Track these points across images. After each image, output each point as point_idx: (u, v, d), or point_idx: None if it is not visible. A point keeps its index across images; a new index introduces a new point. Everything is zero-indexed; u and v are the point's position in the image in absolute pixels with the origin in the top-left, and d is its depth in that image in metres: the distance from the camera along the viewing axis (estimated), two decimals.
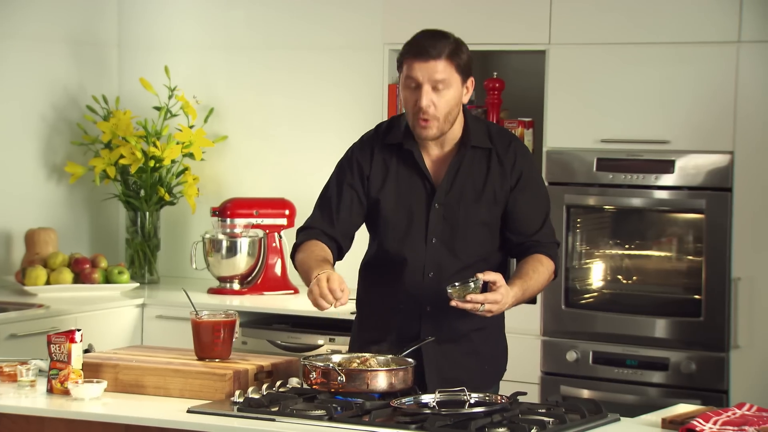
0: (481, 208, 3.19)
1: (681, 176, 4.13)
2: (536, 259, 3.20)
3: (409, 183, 3.21)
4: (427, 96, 3.10)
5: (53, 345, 3.06)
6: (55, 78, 5.31)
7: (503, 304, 3.06)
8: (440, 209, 3.19)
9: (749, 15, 4.03)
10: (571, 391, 4.25)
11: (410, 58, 3.12)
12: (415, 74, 3.10)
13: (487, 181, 3.19)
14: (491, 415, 2.76)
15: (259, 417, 2.81)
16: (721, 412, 2.80)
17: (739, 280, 4.05)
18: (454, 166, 3.20)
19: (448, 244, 3.18)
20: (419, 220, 3.20)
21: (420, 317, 3.19)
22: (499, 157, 3.20)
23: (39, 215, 5.23)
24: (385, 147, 3.24)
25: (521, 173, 3.20)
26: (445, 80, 3.10)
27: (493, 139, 3.22)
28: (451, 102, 3.13)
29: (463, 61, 3.13)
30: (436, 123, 3.13)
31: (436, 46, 3.10)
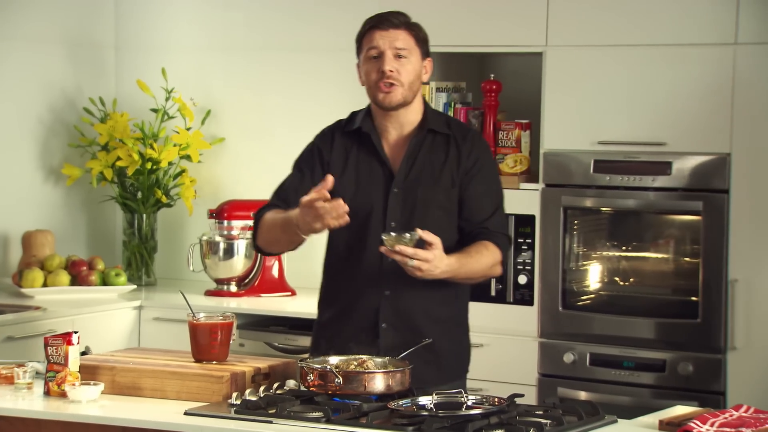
0: (439, 192, 3.24)
1: (678, 178, 4.13)
2: (481, 244, 3.22)
3: (368, 168, 3.27)
4: (390, 62, 3.21)
5: (50, 347, 3.06)
6: (52, 80, 5.31)
7: (433, 266, 3.06)
8: (399, 193, 3.24)
9: (746, 17, 4.04)
10: (568, 393, 4.25)
11: (371, 29, 3.25)
12: (377, 42, 3.22)
13: (444, 166, 3.25)
14: (488, 417, 2.76)
15: (256, 419, 2.81)
16: (719, 414, 2.80)
17: (736, 281, 4.05)
18: (413, 150, 3.25)
19: (406, 228, 3.18)
20: (378, 205, 3.24)
21: (379, 303, 3.22)
22: (457, 143, 3.27)
23: (36, 217, 5.23)
24: (345, 135, 3.32)
25: (476, 161, 3.26)
26: (406, 49, 3.22)
27: (452, 127, 3.30)
28: (412, 72, 3.23)
29: (421, 35, 3.28)
30: (400, 88, 3.22)
31: (396, 16, 3.25)
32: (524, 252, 4.36)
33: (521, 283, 4.36)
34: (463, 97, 4.60)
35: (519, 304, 4.37)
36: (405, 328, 3.23)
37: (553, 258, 4.29)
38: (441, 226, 3.22)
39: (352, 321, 3.25)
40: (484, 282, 3.40)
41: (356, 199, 3.24)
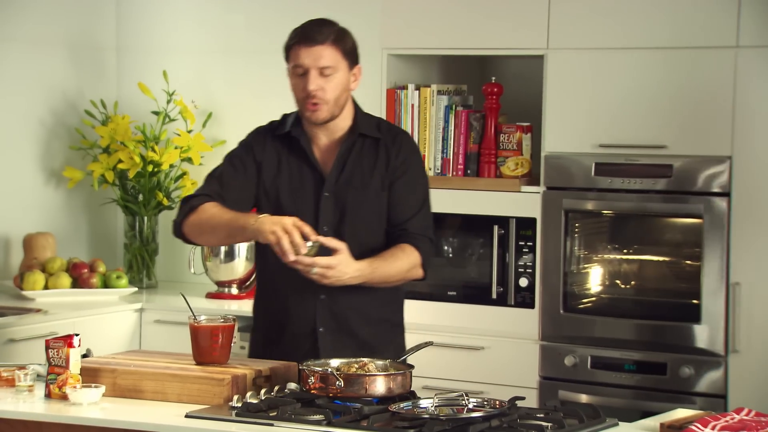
0: (369, 196, 3.26)
1: (679, 181, 4.13)
2: (398, 247, 3.23)
3: (299, 173, 3.27)
4: (315, 81, 3.19)
5: (51, 350, 3.06)
6: (53, 82, 5.31)
7: (339, 272, 3.09)
8: (330, 197, 3.25)
9: (747, 20, 4.04)
10: (569, 396, 4.25)
11: (296, 44, 3.23)
12: (302, 61, 3.21)
13: (374, 170, 3.26)
14: (489, 419, 2.76)
15: (257, 422, 2.81)
16: (720, 417, 2.80)
17: (738, 284, 4.05)
18: (343, 154, 3.26)
19: (339, 232, 3.22)
20: (310, 210, 3.25)
21: (315, 306, 3.25)
22: (386, 147, 3.28)
23: (37, 220, 5.23)
24: (276, 138, 3.32)
25: (403, 162, 3.28)
26: (332, 66, 3.20)
27: (382, 131, 3.31)
28: (338, 87, 3.21)
29: (348, 47, 3.24)
30: (326, 106, 3.22)
31: (321, 31, 3.21)
32: (525, 255, 4.35)
33: (522, 286, 4.36)
34: (464, 100, 4.60)
35: (520, 307, 4.37)
36: (342, 331, 3.26)
37: (554, 261, 4.29)
38: (372, 229, 3.26)
39: (289, 326, 3.27)
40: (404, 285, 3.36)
41: (289, 203, 3.26)
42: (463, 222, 4.48)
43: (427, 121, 4.52)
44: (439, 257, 4.52)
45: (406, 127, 4.52)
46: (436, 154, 4.50)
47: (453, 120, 4.50)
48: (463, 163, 4.49)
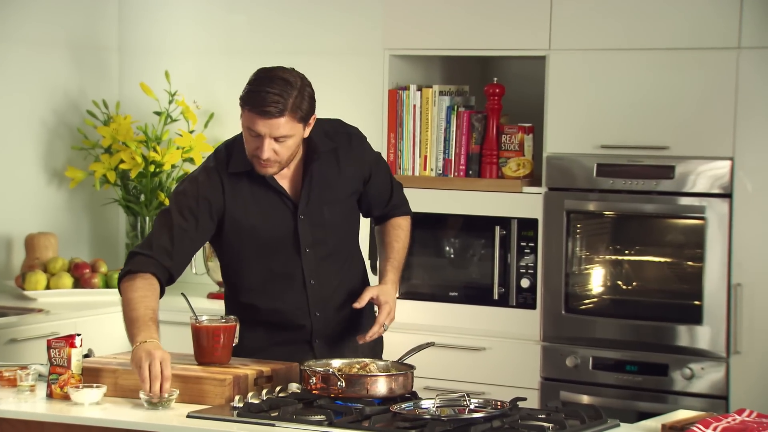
0: (341, 206, 3.30)
1: (681, 182, 4.13)
2: (393, 226, 3.43)
3: (269, 204, 3.24)
4: (269, 147, 3.12)
5: (53, 350, 3.06)
6: (55, 82, 5.32)
7: (393, 303, 3.28)
8: (306, 219, 3.25)
9: (749, 21, 4.03)
10: (571, 397, 4.25)
11: (251, 112, 3.11)
12: (257, 128, 3.11)
13: (340, 179, 3.29)
14: (491, 420, 2.76)
15: (258, 422, 2.81)
16: (721, 418, 2.80)
17: (740, 285, 4.05)
18: (307, 176, 3.25)
19: (320, 249, 3.27)
20: (288, 235, 3.25)
21: (311, 324, 3.29)
22: (345, 153, 3.30)
23: (39, 220, 5.23)
24: (231, 176, 3.23)
25: (369, 163, 3.35)
26: (288, 135, 3.12)
27: (334, 138, 3.30)
28: (292, 147, 3.16)
29: (304, 111, 3.12)
30: (277, 165, 3.18)
31: (278, 103, 3.07)
32: (527, 255, 4.35)
33: (524, 287, 4.36)
34: (466, 101, 4.60)
35: (521, 308, 4.37)
36: (338, 339, 3.31)
37: (555, 262, 4.29)
38: (350, 234, 3.36)
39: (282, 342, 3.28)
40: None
41: (265, 234, 3.24)
42: (464, 223, 4.48)
43: (429, 121, 4.51)
44: (440, 258, 4.52)
45: (407, 128, 4.52)
46: (438, 155, 4.50)
47: (455, 121, 4.50)
48: (465, 163, 4.49)
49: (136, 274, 3.16)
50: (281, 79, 3.11)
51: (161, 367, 2.94)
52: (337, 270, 3.31)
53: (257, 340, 3.28)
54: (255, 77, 3.16)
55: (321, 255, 3.27)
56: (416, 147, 4.52)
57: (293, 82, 3.10)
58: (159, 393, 2.92)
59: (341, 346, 3.29)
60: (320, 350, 3.29)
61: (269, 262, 3.27)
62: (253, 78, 3.16)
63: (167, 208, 3.24)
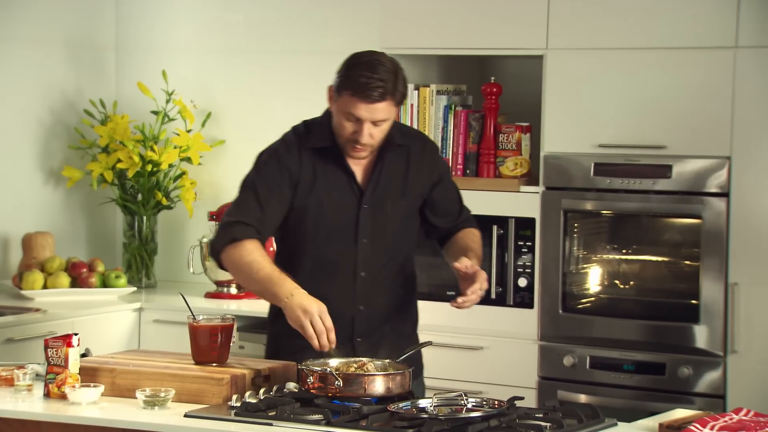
0: (404, 204, 3.30)
1: (678, 181, 4.13)
2: (469, 233, 3.43)
3: (337, 186, 3.26)
4: (368, 132, 3.16)
5: (50, 349, 3.06)
6: (52, 82, 5.31)
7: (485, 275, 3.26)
8: (369, 209, 3.25)
9: (746, 20, 4.04)
10: (568, 396, 4.25)
11: (353, 97, 3.13)
12: (358, 113, 3.14)
13: (408, 178, 3.30)
14: (488, 419, 2.76)
15: (256, 421, 2.81)
16: (719, 417, 2.80)
17: (737, 285, 4.05)
18: (378, 166, 3.27)
19: (376, 242, 3.26)
20: (350, 222, 3.25)
21: (353, 318, 3.25)
22: (416, 155, 3.31)
23: (36, 219, 5.23)
24: (309, 150, 3.26)
25: (440, 170, 3.37)
26: (387, 118, 3.17)
27: (408, 138, 3.33)
28: (386, 130, 3.20)
29: (400, 93, 3.18)
30: (370, 149, 3.22)
31: (381, 87, 3.11)
32: (524, 255, 4.36)
33: (521, 286, 4.36)
34: (463, 100, 4.60)
35: (519, 307, 4.37)
36: (378, 337, 3.26)
37: (553, 261, 4.29)
38: (409, 235, 3.34)
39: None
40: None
41: (327, 215, 3.25)
42: None
43: (426, 121, 4.52)
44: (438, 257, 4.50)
45: None
46: None
47: (452, 120, 4.50)
48: (462, 163, 4.49)
49: (242, 241, 3.15)
50: (380, 63, 3.15)
51: (321, 320, 3.01)
52: (390, 268, 3.28)
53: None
54: (353, 63, 3.18)
55: (376, 248, 3.25)
56: None
57: (391, 67, 3.15)
58: (329, 345, 3.00)
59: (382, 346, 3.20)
60: (361, 349, 3.21)
61: (324, 248, 3.24)
62: (352, 63, 3.19)
63: (251, 178, 3.26)
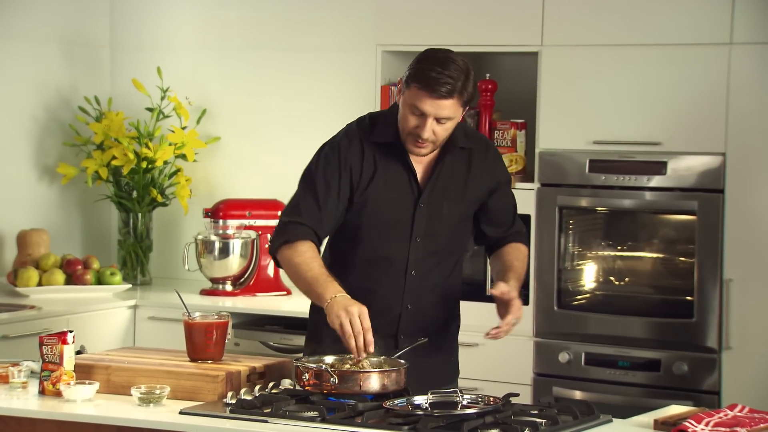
0: (461, 207, 3.26)
1: (673, 178, 4.14)
2: (514, 248, 3.36)
3: (396, 182, 3.23)
4: (430, 128, 3.12)
5: (45, 346, 3.05)
6: (46, 79, 5.31)
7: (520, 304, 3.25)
8: (425, 208, 3.23)
9: (741, 17, 4.04)
10: (563, 393, 4.25)
11: (420, 90, 3.09)
12: (424, 107, 3.09)
13: (467, 181, 3.26)
14: (484, 416, 2.76)
15: (251, 418, 2.81)
16: (713, 413, 2.80)
17: (731, 281, 4.06)
18: (439, 166, 3.24)
19: (430, 242, 3.22)
20: (405, 220, 3.22)
21: (399, 316, 3.22)
22: (479, 158, 3.28)
23: (31, 216, 5.22)
24: (372, 144, 3.22)
25: (499, 177, 3.32)
26: (451, 116, 3.12)
27: (471, 140, 3.30)
28: (450, 129, 3.16)
29: (469, 93, 3.13)
30: (431, 146, 3.18)
31: (450, 85, 3.07)
32: None
33: None
34: None
35: None
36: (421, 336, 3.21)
37: (548, 257, 4.30)
38: (460, 238, 3.31)
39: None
40: None
41: (383, 211, 3.21)
42: None
43: None
44: None
45: None
46: None
47: None
48: None
49: (295, 242, 3.15)
50: (453, 61, 3.12)
51: (360, 321, 2.97)
52: (441, 269, 3.26)
53: None
54: (425, 57, 3.15)
55: (429, 248, 3.22)
56: None
57: (462, 66, 3.12)
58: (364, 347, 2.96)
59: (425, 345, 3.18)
60: (403, 346, 3.16)
61: (378, 243, 3.21)
62: (423, 57, 3.16)
63: (311, 174, 3.21)
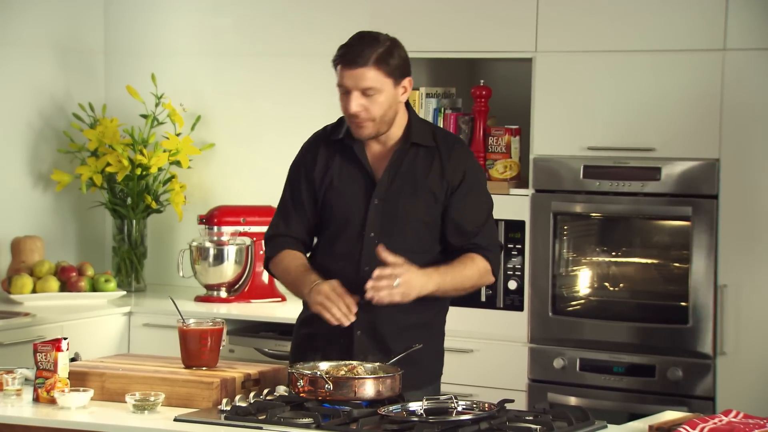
0: (419, 205, 3.24)
1: (667, 183, 4.14)
2: (467, 256, 3.25)
3: (350, 178, 3.27)
4: (356, 102, 3.17)
5: (39, 354, 3.05)
6: (41, 85, 5.30)
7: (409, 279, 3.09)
8: (380, 204, 3.25)
9: (734, 23, 4.05)
10: (558, 398, 4.25)
11: (339, 64, 3.20)
12: (344, 81, 3.19)
13: (428, 179, 3.24)
14: (478, 422, 2.76)
15: (246, 425, 2.81)
16: (708, 419, 2.81)
17: (726, 287, 4.06)
18: (395, 162, 3.25)
19: (384, 239, 3.22)
20: (358, 215, 3.25)
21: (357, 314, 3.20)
22: (442, 158, 3.26)
23: (25, 223, 5.21)
24: (330, 143, 3.31)
25: (463, 177, 3.25)
26: (374, 87, 3.16)
27: (438, 140, 3.29)
28: (384, 105, 3.18)
29: (393, 65, 3.18)
30: (370, 124, 3.20)
31: (363, 53, 3.15)
32: (514, 257, 4.36)
33: (511, 289, 4.37)
34: (452, 103, 4.61)
35: (509, 310, 4.37)
36: (377, 336, 3.24)
37: (542, 263, 4.30)
38: (421, 238, 3.25)
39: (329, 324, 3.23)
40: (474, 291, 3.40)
41: (339, 206, 3.27)
42: None
43: None
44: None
45: None
46: None
47: (441, 122, 4.50)
48: None
49: (275, 256, 3.32)
50: (371, 35, 3.22)
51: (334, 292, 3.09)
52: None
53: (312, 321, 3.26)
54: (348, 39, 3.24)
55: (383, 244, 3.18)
56: None
57: (382, 38, 3.20)
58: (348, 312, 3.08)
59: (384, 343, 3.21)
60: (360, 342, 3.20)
61: (335, 241, 3.27)
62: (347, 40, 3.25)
63: (286, 183, 3.40)
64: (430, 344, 3.32)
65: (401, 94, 3.22)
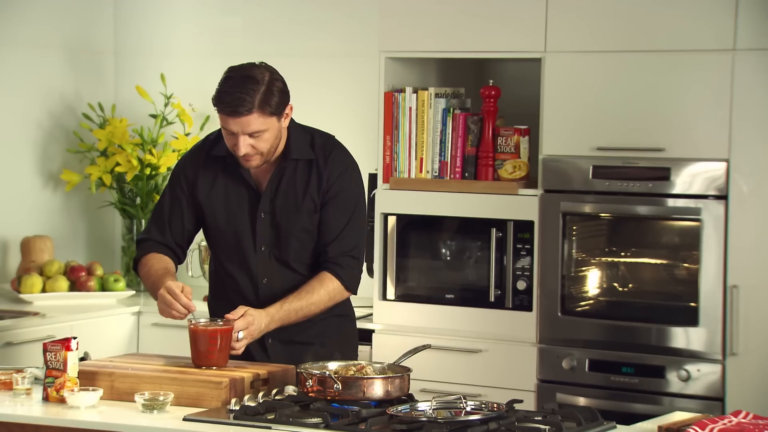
0: (302, 217, 3.29)
1: (677, 184, 4.13)
2: (316, 279, 3.28)
3: (235, 193, 3.31)
4: (245, 144, 3.19)
5: (49, 353, 3.05)
6: (51, 85, 5.31)
7: (256, 324, 3.18)
8: (266, 218, 3.29)
9: (745, 23, 4.04)
10: (567, 399, 4.25)
11: (222, 113, 3.19)
12: (229, 127, 3.19)
13: (307, 190, 3.29)
14: (487, 422, 2.76)
15: (255, 425, 2.81)
16: (718, 420, 2.80)
17: (735, 287, 4.05)
18: (277, 176, 3.29)
19: (276, 252, 3.30)
20: (247, 230, 3.30)
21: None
22: (318, 167, 3.30)
23: (35, 223, 5.23)
24: (211, 158, 3.34)
25: (332, 183, 3.30)
26: (261, 129, 3.17)
27: (316, 150, 3.31)
28: (270, 140, 3.21)
29: (274, 104, 3.17)
30: (258, 157, 3.24)
31: (245, 101, 3.14)
32: (523, 258, 4.36)
33: (520, 289, 4.36)
34: (461, 103, 4.61)
35: (518, 310, 4.37)
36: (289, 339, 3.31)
37: (552, 264, 4.30)
38: (307, 249, 3.32)
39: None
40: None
41: (227, 222, 3.32)
42: (460, 225, 4.48)
43: (425, 124, 4.52)
44: (436, 260, 4.52)
45: (403, 130, 4.52)
46: (434, 157, 4.51)
47: (451, 123, 4.50)
48: (461, 166, 4.49)
49: (141, 259, 3.37)
50: (248, 77, 3.19)
51: (169, 293, 3.13)
52: (294, 276, 3.31)
53: None
54: (223, 77, 3.24)
55: (278, 258, 3.30)
56: (412, 149, 4.53)
57: (260, 79, 3.18)
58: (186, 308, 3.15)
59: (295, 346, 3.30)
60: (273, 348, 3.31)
61: (227, 256, 3.34)
62: (222, 78, 3.24)
63: (165, 188, 3.42)
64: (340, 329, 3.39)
65: (284, 121, 3.24)
